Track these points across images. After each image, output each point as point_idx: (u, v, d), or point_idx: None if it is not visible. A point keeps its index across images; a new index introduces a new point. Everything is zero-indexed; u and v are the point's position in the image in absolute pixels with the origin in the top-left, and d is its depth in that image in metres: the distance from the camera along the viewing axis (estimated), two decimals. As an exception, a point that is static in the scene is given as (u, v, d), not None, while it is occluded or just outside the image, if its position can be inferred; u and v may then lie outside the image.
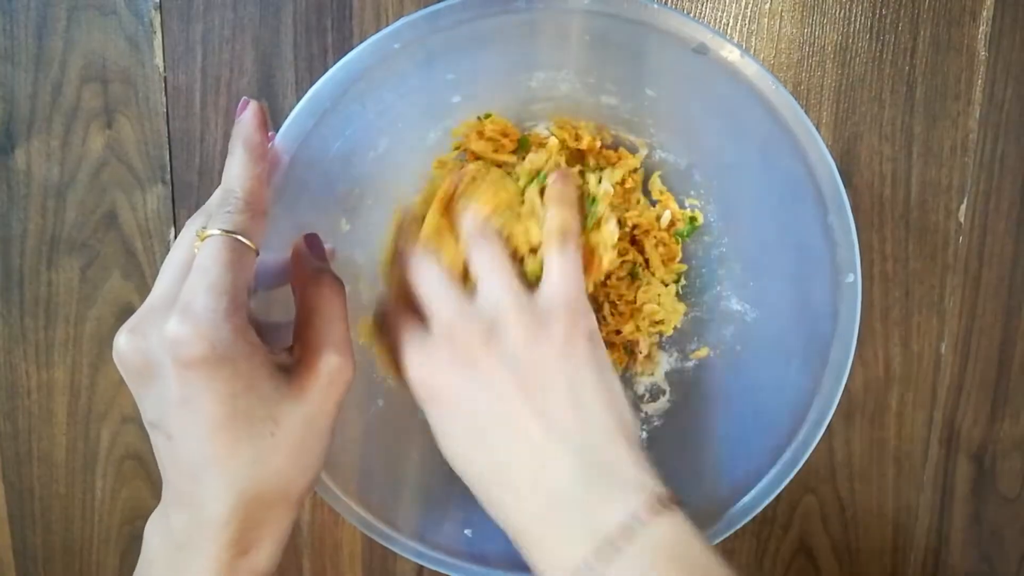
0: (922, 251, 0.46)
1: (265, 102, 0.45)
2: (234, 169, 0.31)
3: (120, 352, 0.29)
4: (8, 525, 0.51)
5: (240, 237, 0.29)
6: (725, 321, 0.42)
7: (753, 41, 0.44)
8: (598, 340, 0.33)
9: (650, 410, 0.43)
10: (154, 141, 0.46)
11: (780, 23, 0.44)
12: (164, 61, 0.45)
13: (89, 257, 0.48)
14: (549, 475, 0.30)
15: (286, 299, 0.34)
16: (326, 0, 0.44)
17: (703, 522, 0.37)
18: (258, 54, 0.45)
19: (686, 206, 0.42)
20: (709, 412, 0.42)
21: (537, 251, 0.34)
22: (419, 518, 0.39)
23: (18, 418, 0.50)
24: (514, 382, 0.31)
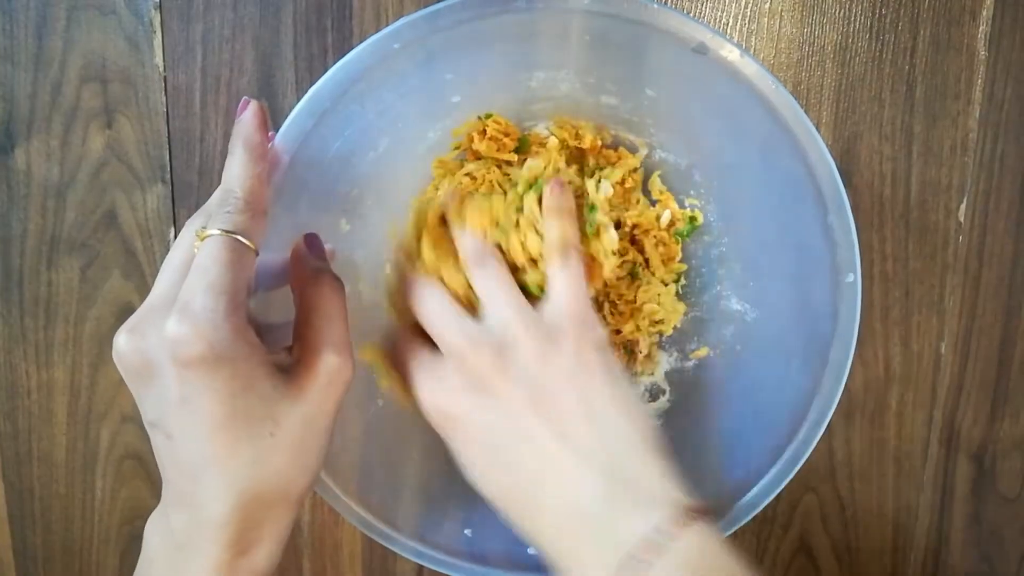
0: (922, 251, 0.46)
1: (265, 102, 0.45)
2: (234, 169, 0.31)
3: (119, 352, 0.29)
4: (8, 525, 0.51)
5: (240, 237, 0.29)
6: (725, 321, 0.42)
7: (753, 41, 0.44)
8: (608, 350, 0.33)
9: (650, 410, 0.43)
10: (154, 141, 0.46)
11: (780, 23, 0.44)
12: (164, 61, 0.45)
13: (89, 257, 0.48)
14: (571, 493, 0.30)
15: (286, 299, 0.34)
16: (326, 0, 0.44)
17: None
18: (258, 54, 0.45)
19: (686, 206, 0.42)
20: (709, 412, 0.42)
21: (537, 261, 0.34)
22: (419, 518, 0.39)
23: (18, 418, 0.50)
24: (528, 401, 0.30)
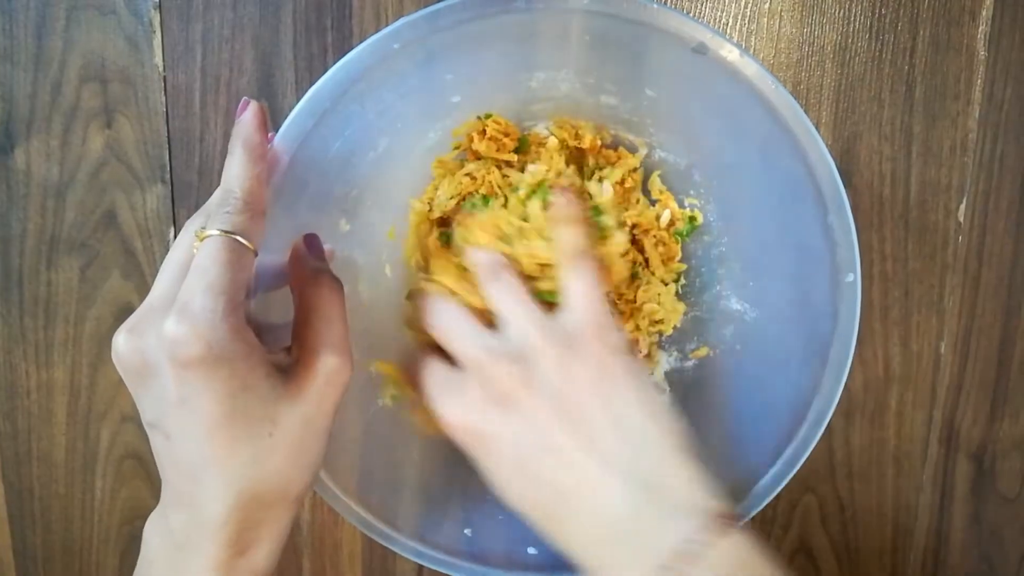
0: (921, 251, 0.46)
1: (264, 102, 0.45)
2: (233, 169, 0.31)
3: (118, 352, 0.29)
4: (8, 525, 0.51)
5: (239, 237, 0.29)
6: (725, 320, 0.42)
7: (752, 41, 0.44)
8: (630, 354, 0.32)
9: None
10: (153, 141, 0.46)
11: (779, 23, 0.44)
12: (163, 61, 0.45)
13: (88, 257, 0.48)
14: (602, 503, 0.30)
15: (285, 300, 0.34)
16: (325, 0, 0.44)
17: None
18: (258, 53, 0.45)
19: (686, 205, 0.42)
20: (709, 412, 0.42)
21: (546, 268, 0.34)
22: (419, 518, 0.39)
23: (18, 418, 0.50)
24: (553, 413, 0.30)
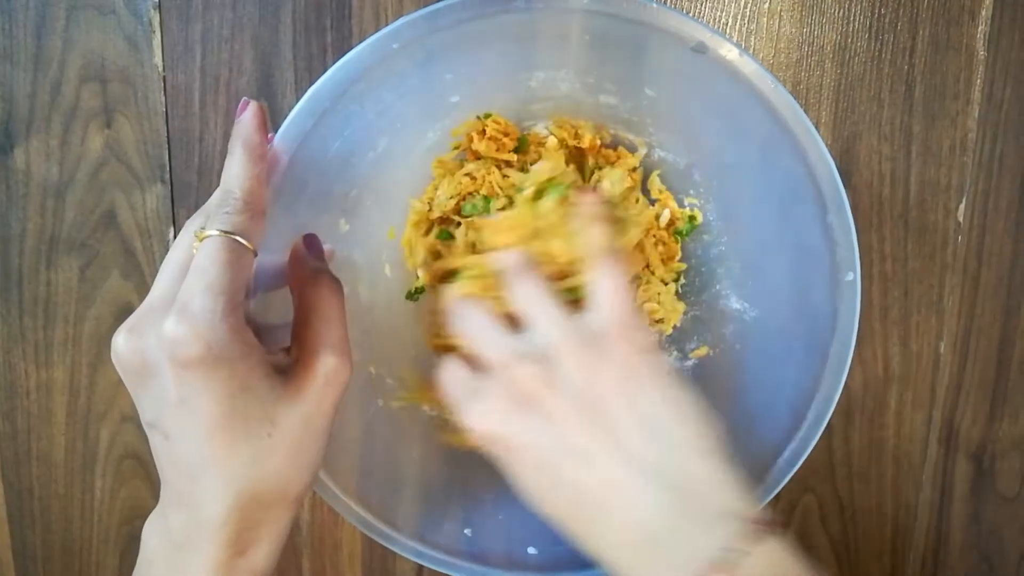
0: (921, 250, 0.46)
1: (264, 102, 0.45)
2: (233, 169, 0.31)
3: (118, 352, 0.29)
4: (7, 525, 0.51)
5: (238, 238, 0.29)
6: (724, 320, 0.42)
7: (752, 41, 0.44)
8: (658, 353, 0.31)
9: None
10: (153, 141, 0.46)
11: (779, 23, 0.44)
12: (163, 60, 0.45)
13: (88, 257, 0.48)
14: (632, 510, 0.29)
15: (285, 300, 0.34)
16: (325, 0, 0.44)
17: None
18: (257, 53, 0.45)
19: (685, 205, 0.42)
20: (708, 411, 0.42)
21: (567, 266, 0.33)
22: (419, 518, 0.39)
23: (17, 418, 0.50)
24: (579, 415, 0.29)
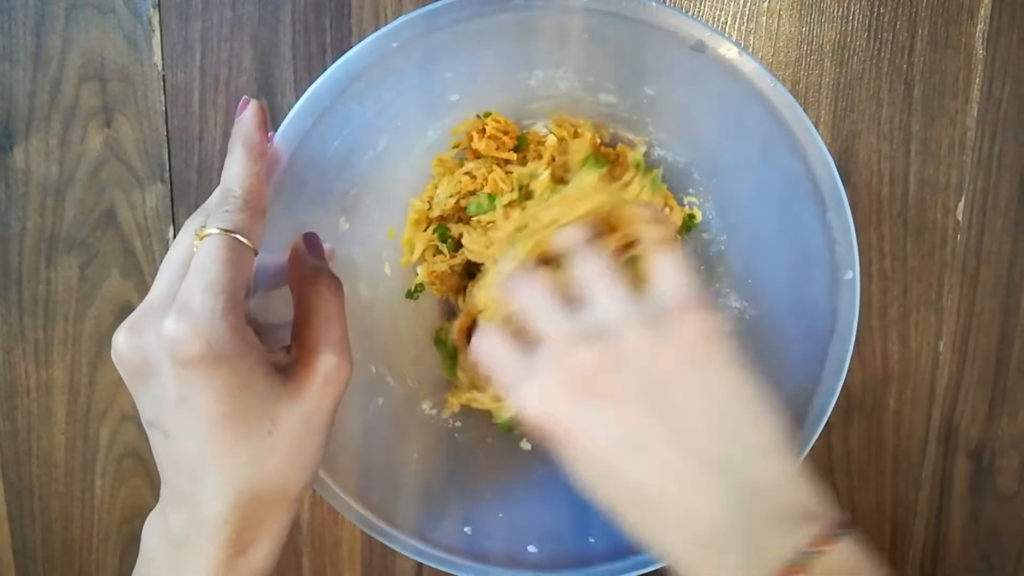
0: (920, 249, 0.46)
1: (264, 101, 0.45)
2: (233, 168, 0.31)
3: (118, 351, 0.29)
4: (7, 524, 0.51)
5: (239, 236, 0.29)
6: (724, 318, 0.42)
7: (751, 40, 0.44)
8: (729, 338, 0.29)
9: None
10: (153, 140, 0.46)
11: (778, 21, 0.44)
12: (163, 59, 0.45)
13: (88, 256, 0.48)
14: (697, 505, 0.27)
15: (285, 299, 0.34)
16: (324, -1, 0.44)
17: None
18: (256, 53, 0.45)
19: (685, 204, 0.42)
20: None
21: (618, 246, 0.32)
22: (418, 516, 0.39)
23: (17, 417, 0.50)
24: (641, 402, 0.28)
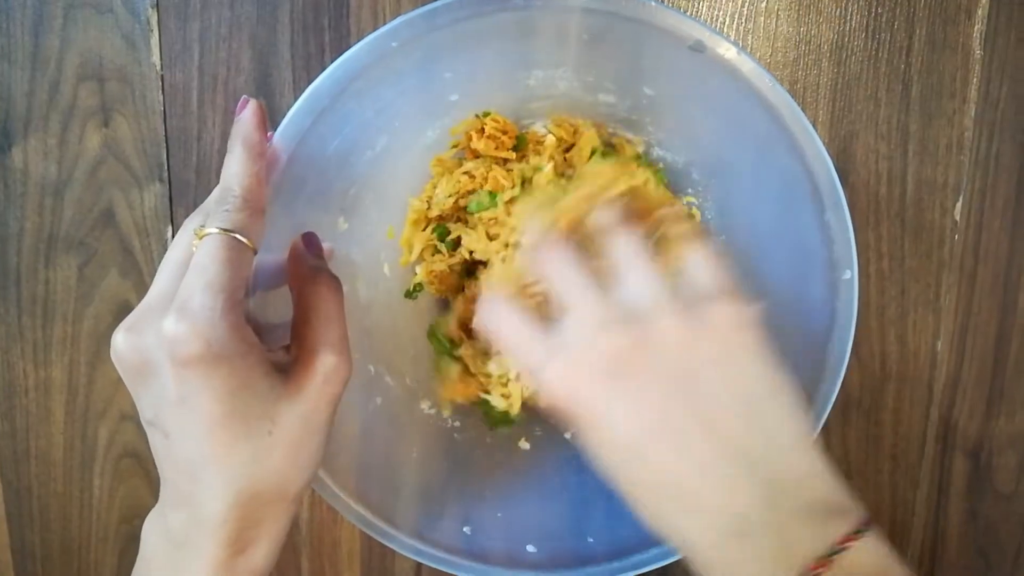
0: (918, 249, 0.46)
1: (263, 100, 0.45)
2: (232, 167, 0.31)
3: (117, 350, 0.29)
4: (6, 524, 0.51)
5: (238, 235, 0.29)
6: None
7: (749, 40, 0.44)
8: (763, 331, 0.28)
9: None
10: (151, 139, 0.46)
11: (776, 22, 0.44)
12: (161, 59, 0.45)
13: (86, 255, 0.48)
14: (725, 496, 0.27)
15: (284, 299, 0.34)
16: (323, -2, 0.44)
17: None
18: (255, 52, 0.45)
19: (683, 203, 0.42)
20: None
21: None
22: (418, 516, 0.39)
23: (16, 417, 0.50)
24: (673, 387, 0.27)
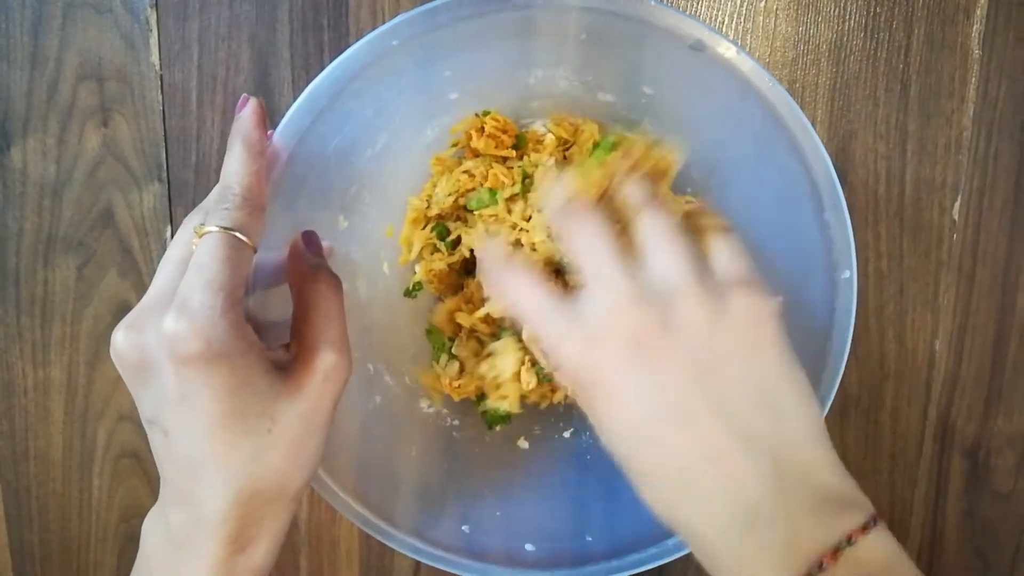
0: (916, 248, 0.46)
1: (262, 100, 0.45)
2: (232, 166, 0.31)
3: (117, 349, 0.29)
4: (5, 524, 0.51)
5: (238, 234, 0.29)
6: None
7: (748, 39, 0.44)
8: (784, 325, 0.28)
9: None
10: (150, 139, 0.46)
11: (775, 21, 0.44)
12: (160, 59, 0.45)
13: (85, 255, 0.47)
14: (736, 484, 0.26)
15: (284, 297, 0.34)
16: (323, -2, 0.44)
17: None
18: (254, 52, 0.45)
19: (682, 202, 0.42)
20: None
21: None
22: (416, 514, 0.39)
23: (15, 417, 0.50)
24: (691, 371, 0.27)
